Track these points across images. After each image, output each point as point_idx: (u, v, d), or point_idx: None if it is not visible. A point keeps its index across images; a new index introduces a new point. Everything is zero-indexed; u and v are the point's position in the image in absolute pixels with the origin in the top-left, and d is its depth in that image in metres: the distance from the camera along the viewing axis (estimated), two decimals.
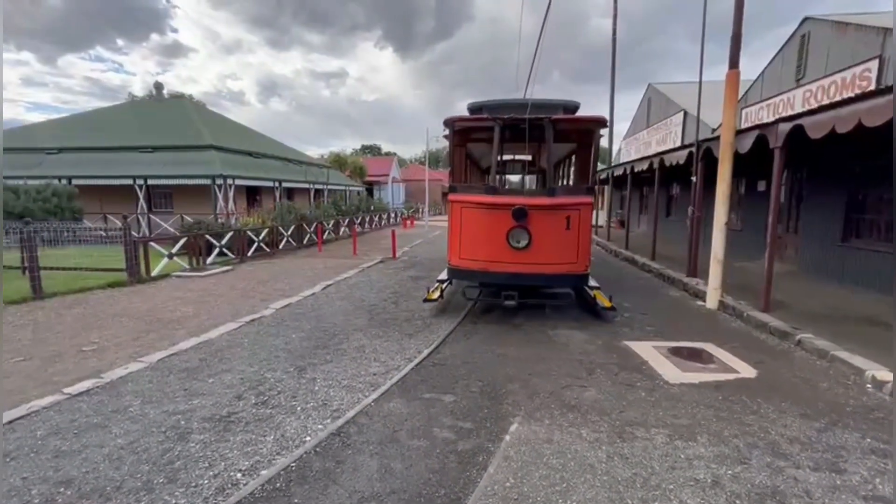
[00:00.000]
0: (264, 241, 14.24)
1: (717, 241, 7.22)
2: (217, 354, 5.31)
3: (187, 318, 6.89)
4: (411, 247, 17.32)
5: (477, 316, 6.97)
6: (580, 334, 5.97)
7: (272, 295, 8.55)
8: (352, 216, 22.58)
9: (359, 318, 6.96)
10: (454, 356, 5.17)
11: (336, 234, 19.73)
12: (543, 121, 5.94)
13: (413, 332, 6.19)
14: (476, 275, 6.30)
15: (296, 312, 7.26)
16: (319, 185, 25.38)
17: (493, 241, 6.17)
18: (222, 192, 17.22)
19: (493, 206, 6.05)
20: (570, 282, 6.45)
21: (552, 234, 6.11)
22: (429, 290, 6.87)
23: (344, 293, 8.76)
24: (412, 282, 9.99)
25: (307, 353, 5.33)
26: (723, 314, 7.04)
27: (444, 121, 6.54)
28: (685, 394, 4.11)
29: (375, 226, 26.28)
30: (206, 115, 25.20)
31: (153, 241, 10.50)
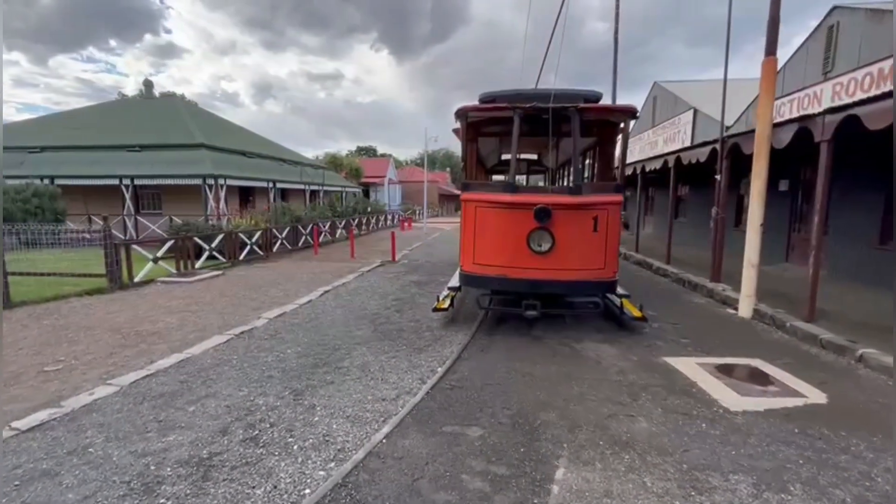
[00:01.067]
0: (257, 243, 13.53)
1: (752, 244, 6.64)
2: (201, 375, 4.63)
3: (170, 331, 6.19)
4: (411, 249, 16.68)
5: (491, 326, 6.33)
6: (610, 349, 5.35)
7: (265, 303, 7.87)
8: (348, 218, 21.90)
9: (361, 329, 6.30)
10: (473, 376, 4.53)
11: (332, 236, 19.04)
12: (569, 110, 5.32)
13: (423, 345, 5.54)
14: (492, 282, 5.66)
15: (291, 323, 6.59)
16: (315, 186, 24.67)
17: (511, 244, 5.54)
18: (213, 192, 16.49)
19: (512, 205, 5.42)
20: (597, 290, 5.83)
21: (578, 236, 5.50)
22: (438, 299, 6.23)
23: (343, 300, 8.09)
24: (415, 287, 9.35)
25: (304, 373, 4.66)
26: (759, 324, 6.44)
27: (455, 111, 5.91)
28: (754, 425, 3.49)
29: (373, 228, 25.61)
30: (198, 113, 24.43)
31: (137, 245, 9.78)
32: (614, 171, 6.85)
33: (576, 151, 5.43)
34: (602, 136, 6.54)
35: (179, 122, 20.12)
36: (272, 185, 20.42)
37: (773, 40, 6.25)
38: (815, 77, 9.26)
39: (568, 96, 5.55)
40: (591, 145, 7.01)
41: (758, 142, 6.48)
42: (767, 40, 6.30)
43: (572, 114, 5.33)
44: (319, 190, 25.34)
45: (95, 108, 23.97)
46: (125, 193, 17.11)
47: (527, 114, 5.40)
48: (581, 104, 5.33)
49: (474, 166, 6.08)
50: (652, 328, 6.15)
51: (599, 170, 6.78)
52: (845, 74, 8.28)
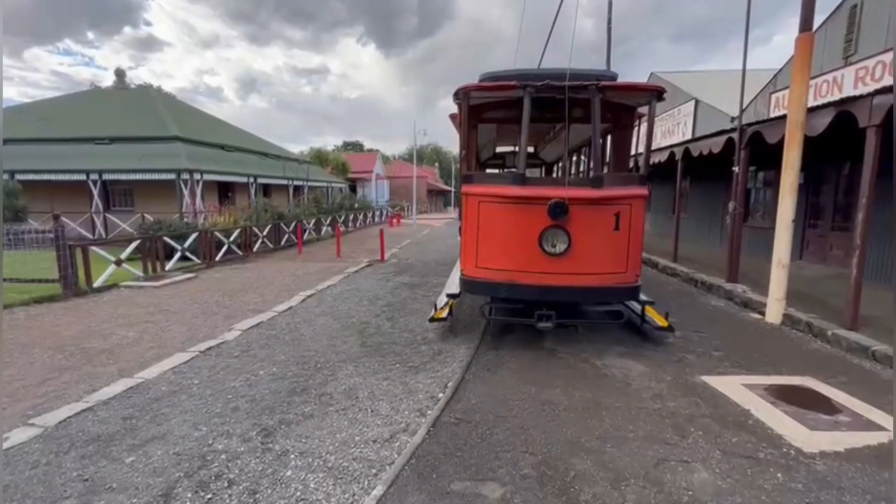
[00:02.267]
0: (236, 242, 12.58)
1: (782, 242, 6.00)
2: (151, 408, 3.79)
3: (124, 347, 5.32)
4: (400, 248, 15.87)
5: (496, 338, 5.59)
6: (636, 365, 4.64)
7: (240, 310, 7.01)
8: (334, 214, 20.96)
9: (347, 341, 5.51)
10: (483, 405, 3.77)
11: (318, 233, 18.12)
12: (589, 89, 4.57)
13: (419, 363, 4.77)
14: (498, 288, 4.91)
15: (267, 335, 5.76)
16: (299, 182, 23.66)
17: (521, 245, 4.80)
18: (188, 187, 15.43)
19: (522, 199, 4.67)
20: (617, 296, 5.13)
21: (597, 235, 4.77)
22: (435, 307, 5.45)
23: (328, 306, 7.27)
24: (407, 290, 8.56)
25: (278, 403, 3.86)
26: (793, 331, 5.81)
27: (455, 92, 5.13)
28: (841, 474, 2.80)
29: (360, 224, 24.69)
30: (173, 105, 23.17)
31: (96, 246, 8.79)
32: (630, 161, 6.14)
33: (596, 136, 4.70)
34: (619, 120, 5.82)
35: (153, 114, 18.93)
36: (253, 180, 19.38)
37: (810, 14, 5.58)
38: (834, 62, 8.67)
39: (582, 76, 4.80)
40: (604, 132, 6.29)
41: (790, 129, 5.83)
42: (802, 15, 5.64)
43: (592, 93, 4.58)
44: (304, 185, 24.32)
45: (63, 98, 22.55)
46: (92, 189, 15.94)
47: (538, 94, 4.64)
48: (603, 82, 4.59)
49: (475, 155, 5.32)
50: (676, 338, 5.47)
51: (615, 159, 6.07)
52: (872, 58, 7.69)
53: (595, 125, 4.66)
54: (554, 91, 4.66)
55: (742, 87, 7.36)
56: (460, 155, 6.63)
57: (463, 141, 5.13)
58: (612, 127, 6.04)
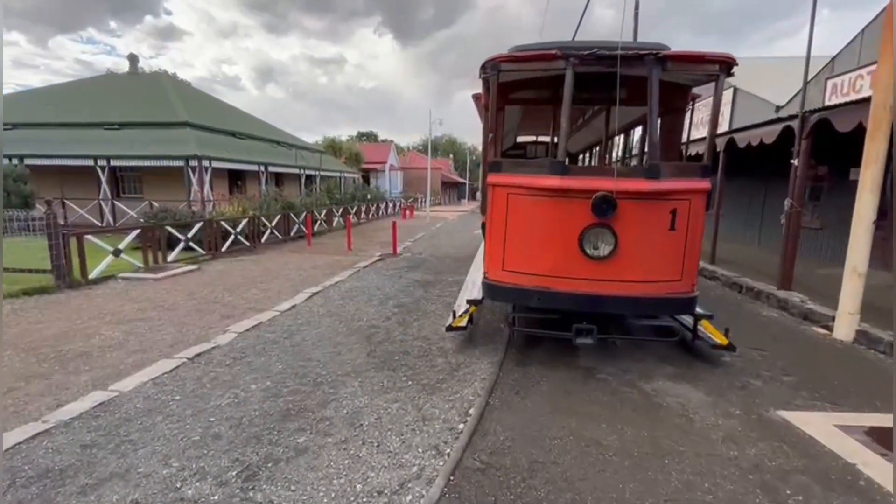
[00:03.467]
0: (243, 233, 12.06)
1: (860, 247, 5.16)
2: (118, 432, 3.20)
3: (105, 350, 4.76)
4: (413, 241, 15.21)
5: (522, 351, 4.89)
6: (694, 392, 3.90)
7: (239, 308, 6.43)
8: (346, 205, 20.39)
9: (353, 350, 4.87)
10: (514, 444, 3.08)
11: (329, 225, 17.56)
12: (646, 59, 3.79)
13: (434, 380, 4.10)
14: (529, 296, 4.19)
15: (265, 339, 5.15)
16: (311, 171, 23.12)
17: (557, 246, 4.07)
18: (197, 175, 14.96)
19: (562, 192, 3.93)
20: (670, 309, 4.37)
21: (649, 236, 4.02)
22: (454, 314, 4.76)
23: (334, 306, 6.64)
24: (420, 289, 7.89)
25: (268, 430, 3.23)
26: (870, 352, 4.99)
27: (483, 64, 4.39)
28: None
29: (372, 216, 24.10)
30: (186, 91, 22.75)
31: (93, 235, 8.29)
32: (680, 151, 5.34)
33: (653, 116, 3.92)
34: (670, 102, 5.02)
35: (163, 100, 18.49)
36: (264, 168, 18.87)
37: None
38: None
39: (634, 47, 4.02)
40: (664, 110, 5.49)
41: (874, 114, 4.97)
42: None
43: (650, 65, 3.80)
44: (316, 175, 23.78)
45: (74, 83, 22.28)
46: (101, 175, 15.58)
47: (583, 68, 3.87)
48: (663, 52, 3.80)
49: (501, 141, 4.58)
50: (733, 357, 4.69)
51: (663, 148, 5.27)
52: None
53: (653, 102, 3.88)
54: (602, 63, 3.88)
55: (806, 67, 6.46)
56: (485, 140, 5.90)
57: (490, 123, 4.40)
58: (662, 110, 5.23)
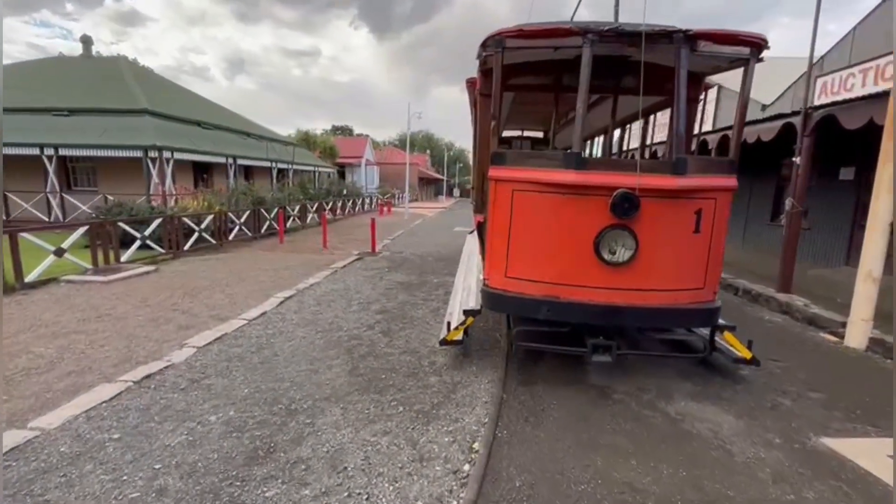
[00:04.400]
0: (208, 230, 11.14)
1: (874, 250, 4.89)
2: (29, 491, 2.50)
3: (31, 373, 3.98)
4: (392, 239, 14.57)
5: (525, 365, 4.38)
6: (723, 415, 3.47)
7: (200, 316, 5.69)
8: (321, 201, 19.50)
9: (333, 367, 4.25)
10: (534, 494, 2.55)
11: (302, 221, 16.68)
12: (675, 37, 3.32)
13: (430, 405, 3.54)
14: (537, 306, 3.67)
15: (229, 355, 4.47)
16: (284, 165, 22.05)
17: (570, 249, 3.57)
18: (157, 167, 13.82)
19: (579, 189, 3.42)
20: (694, 320, 3.93)
21: (672, 239, 3.57)
22: (448, 326, 4.20)
23: (310, 312, 5.98)
24: (404, 292, 7.30)
25: (227, 482, 2.60)
26: (887, 361, 4.71)
27: (484, 41, 3.83)
28: None
29: (348, 212, 23.25)
30: (146, 77, 21.25)
31: (29, 233, 7.31)
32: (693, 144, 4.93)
33: (681, 103, 3.45)
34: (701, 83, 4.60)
35: (120, 85, 17.10)
36: (232, 161, 17.77)
37: None
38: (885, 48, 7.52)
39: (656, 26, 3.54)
40: (660, 105, 5.08)
41: (893, 110, 4.67)
42: None
43: (680, 44, 3.33)
44: (289, 169, 22.71)
45: (19, 65, 20.46)
46: (48, 166, 14.21)
47: (605, 39, 3.36)
48: (693, 30, 3.33)
49: (500, 129, 4.02)
50: (751, 370, 4.31)
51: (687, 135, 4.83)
52: None
53: (680, 87, 3.41)
54: (623, 42, 3.39)
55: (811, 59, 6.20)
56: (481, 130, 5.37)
57: (493, 108, 3.84)
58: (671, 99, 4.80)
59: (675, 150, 3.45)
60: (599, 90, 4.96)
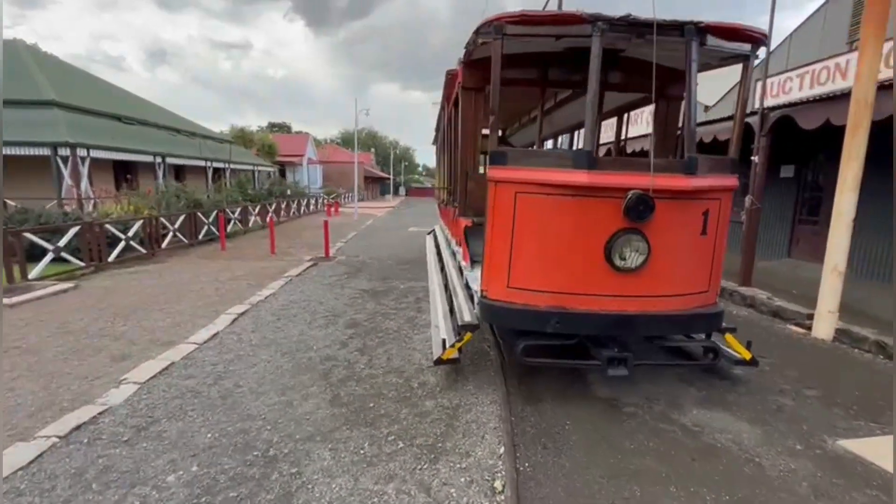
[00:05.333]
0: (137, 237, 9.86)
1: (839, 245, 5.10)
2: None
3: None
4: (346, 241, 13.85)
5: (522, 378, 4.08)
6: (738, 423, 3.36)
7: (138, 343, 4.85)
8: (264, 202, 18.22)
9: (309, 396, 3.70)
10: None
11: (244, 224, 15.44)
12: (686, 29, 3.14)
13: (433, 437, 3.12)
14: (545, 318, 3.36)
15: (181, 390, 3.77)
16: (219, 164, 20.39)
17: (579, 256, 3.30)
18: (70, 167, 12.11)
19: (590, 190, 3.15)
20: (702, 325, 3.78)
21: (681, 242, 3.41)
22: (444, 345, 3.79)
23: (270, 330, 5.31)
24: (371, 300, 6.78)
25: None
26: (855, 351, 4.93)
27: (478, 28, 3.45)
28: None
29: (294, 214, 21.97)
30: (52, 64, 18.71)
31: None
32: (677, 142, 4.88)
33: (691, 97, 3.28)
34: (668, 87, 4.53)
35: (21, 73, 14.85)
36: (161, 160, 16.08)
37: None
38: (836, 47, 8.12)
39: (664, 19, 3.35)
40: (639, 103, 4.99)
41: (855, 110, 4.89)
42: None
43: (691, 36, 3.15)
44: (225, 168, 21.04)
45: None
46: None
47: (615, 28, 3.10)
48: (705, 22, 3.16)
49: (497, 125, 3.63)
50: (743, 369, 4.30)
51: (660, 140, 4.77)
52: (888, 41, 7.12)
53: (691, 81, 3.24)
54: (632, 32, 3.16)
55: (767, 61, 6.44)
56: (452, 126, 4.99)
57: (492, 101, 3.44)
58: (658, 96, 4.72)
59: (687, 148, 3.28)
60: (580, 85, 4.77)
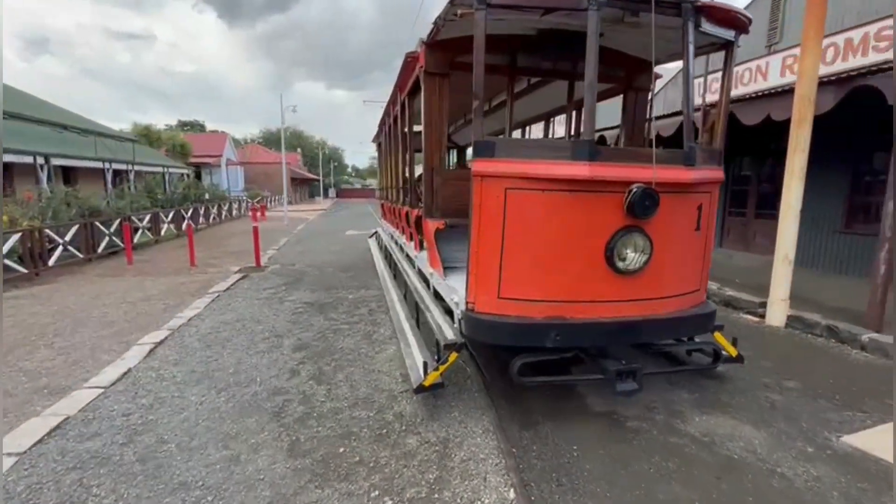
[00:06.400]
0: (14, 255, 8.10)
1: (788, 234, 5.29)
2: None
3: None
4: (278, 249, 12.70)
5: (508, 396, 3.65)
6: (743, 427, 3.19)
7: (17, 393, 3.75)
8: (179, 208, 16.25)
9: (261, 448, 2.97)
10: None
11: (156, 233, 13.60)
12: (683, 6, 2.87)
13: (425, 486, 2.58)
14: (544, 332, 2.93)
15: (80, 458, 2.86)
16: (121, 165, 17.89)
17: (578, 258, 2.93)
18: None
19: (591, 185, 2.78)
20: (698, 326, 3.56)
21: (679, 239, 3.18)
22: (426, 369, 3.23)
23: (199, 361, 4.40)
24: (318, 315, 6.03)
25: None
26: (809, 336, 5.13)
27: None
28: None
29: (214, 219, 19.95)
30: None
31: None
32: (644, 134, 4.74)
33: (689, 82, 3.04)
34: (636, 79, 4.37)
35: None
36: (44, 160, 13.64)
37: None
38: (757, 50, 8.68)
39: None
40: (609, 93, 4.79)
41: (799, 105, 5.08)
42: None
43: (688, 16, 2.90)
44: (128, 170, 18.52)
45: None
46: None
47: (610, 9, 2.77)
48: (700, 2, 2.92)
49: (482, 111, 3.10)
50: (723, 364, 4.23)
51: (629, 132, 4.59)
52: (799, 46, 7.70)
53: (689, 64, 3.00)
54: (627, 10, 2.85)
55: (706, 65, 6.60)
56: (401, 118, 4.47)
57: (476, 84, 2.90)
58: (626, 87, 4.54)
59: (686, 137, 3.04)
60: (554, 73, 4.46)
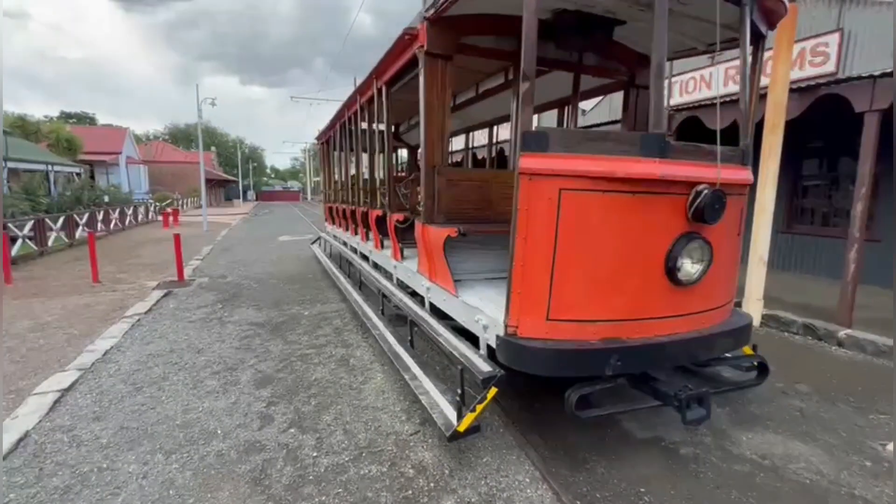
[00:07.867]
0: None
1: (761, 236, 5.43)
2: None
3: None
4: (202, 258, 11.16)
5: (536, 427, 3.16)
6: (792, 444, 3.00)
7: None
8: (71, 213, 13.74)
9: None
10: None
11: (42, 244, 11.28)
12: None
13: None
14: (604, 356, 2.43)
15: None
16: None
17: (638, 270, 2.53)
18: None
19: (656, 185, 2.38)
20: (740, 339, 3.26)
21: (728, 244, 2.92)
22: (461, 411, 2.60)
23: (128, 413, 3.38)
24: (274, 338, 5.13)
25: None
26: (786, 334, 5.28)
27: None
28: None
29: (117, 226, 17.26)
30: None
31: None
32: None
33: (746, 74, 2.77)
34: (641, 71, 4.15)
35: None
36: None
37: None
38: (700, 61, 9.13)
39: None
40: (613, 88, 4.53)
41: (772, 111, 5.22)
42: None
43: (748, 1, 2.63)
44: None
45: None
46: None
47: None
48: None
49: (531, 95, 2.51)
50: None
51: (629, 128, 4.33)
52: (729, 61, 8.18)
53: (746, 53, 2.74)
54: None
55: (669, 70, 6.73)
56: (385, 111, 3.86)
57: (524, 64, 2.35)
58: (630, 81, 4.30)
59: (743, 133, 2.78)
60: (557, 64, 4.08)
